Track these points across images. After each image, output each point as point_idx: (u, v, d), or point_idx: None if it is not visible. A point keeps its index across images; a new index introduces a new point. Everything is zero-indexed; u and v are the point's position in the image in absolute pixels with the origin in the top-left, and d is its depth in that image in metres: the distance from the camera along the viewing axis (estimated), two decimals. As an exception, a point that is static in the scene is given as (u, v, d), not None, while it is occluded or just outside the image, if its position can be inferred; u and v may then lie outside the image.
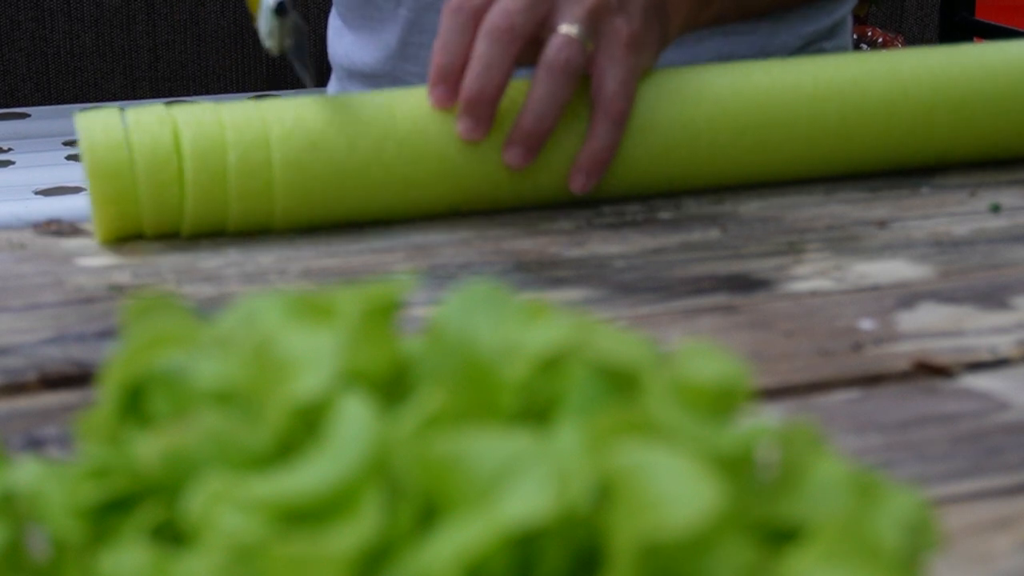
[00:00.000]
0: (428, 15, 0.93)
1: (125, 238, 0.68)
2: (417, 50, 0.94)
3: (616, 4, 0.71)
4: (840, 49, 1.00)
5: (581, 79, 0.71)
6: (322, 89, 1.13)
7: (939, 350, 0.56)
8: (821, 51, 0.98)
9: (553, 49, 0.70)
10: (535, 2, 0.70)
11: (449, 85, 0.70)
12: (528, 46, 0.70)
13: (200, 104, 0.69)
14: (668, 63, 0.76)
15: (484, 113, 0.70)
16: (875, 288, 0.63)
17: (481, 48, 0.69)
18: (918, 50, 0.80)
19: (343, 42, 1.02)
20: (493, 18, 0.69)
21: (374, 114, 0.70)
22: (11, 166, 1.94)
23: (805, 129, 0.75)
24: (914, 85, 0.77)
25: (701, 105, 0.74)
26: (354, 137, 0.69)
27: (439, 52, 0.70)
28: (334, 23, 1.05)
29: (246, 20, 2.31)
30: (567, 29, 0.70)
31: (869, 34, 2.39)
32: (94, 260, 0.66)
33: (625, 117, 0.71)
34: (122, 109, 0.68)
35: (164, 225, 0.67)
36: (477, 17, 0.70)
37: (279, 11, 0.67)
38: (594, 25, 0.70)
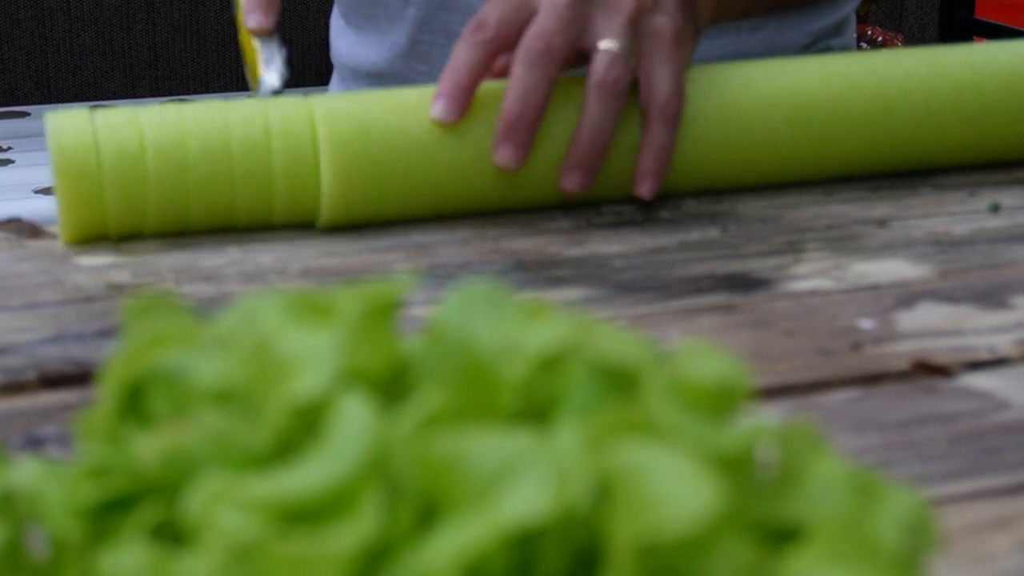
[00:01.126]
0: (438, 14, 0.93)
1: (127, 237, 0.68)
2: (428, 49, 0.94)
3: (651, 4, 0.71)
4: (846, 47, 1.00)
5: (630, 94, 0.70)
6: (324, 88, 1.13)
7: (938, 349, 0.56)
8: (828, 48, 0.98)
9: (600, 69, 0.69)
10: (571, 21, 0.69)
11: (455, 101, 0.69)
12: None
13: (167, 105, 0.68)
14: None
15: (523, 138, 0.69)
16: (875, 287, 0.63)
17: (519, 73, 0.68)
18: (918, 49, 0.80)
19: (346, 42, 1.02)
20: (529, 41, 0.68)
21: (365, 114, 0.69)
22: (11, 165, 1.94)
23: (806, 130, 0.75)
24: (914, 85, 0.77)
25: (702, 105, 0.74)
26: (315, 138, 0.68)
27: (449, 68, 0.69)
28: (336, 23, 1.04)
29: (246, 19, 2.31)
30: (609, 45, 0.69)
31: (869, 33, 2.39)
32: (93, 259, 0.66)
33: (679, 116, 0.71)
34: (92, 109, 0.68)
35: (129, 226, 0.67)
36: (496, 40, 0.69)
37: (276, 95, 0.70)
38: (635, 34, 0.70)
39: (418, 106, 0.70)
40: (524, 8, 0.69)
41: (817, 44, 0.97)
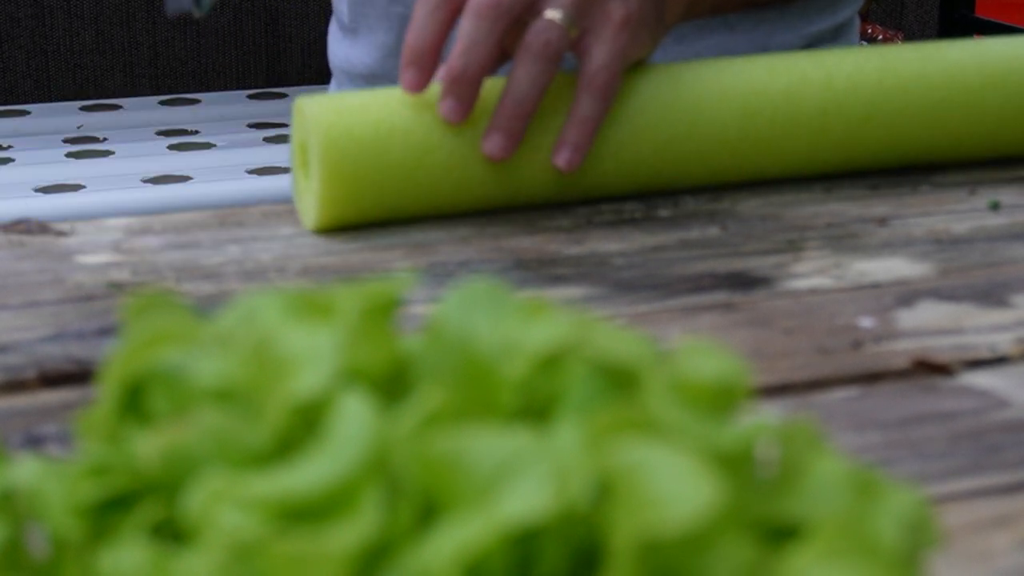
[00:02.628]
0: None
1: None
2: None
3: None
4: None
5: (561, 64, 0.70)
6: (323, 87, 1.13)
7: (938, 348, 0.56)
8: None
9: (533, 32, 0.68)
10: None
11: (420, 68, 0.68)
12: (516, 31, 0.69)
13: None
14: (668, 58, 0.76)
15: (466, 93, 0.68)
16: (875, 286, 0.63)
17: (466, 26, 0.68)
18: (918, 46, 0.79)
19: (342, 46, 1.02)
20: None
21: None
22: (11, 163, 1.93)
23: (805, 126, 0.75)
24: (914, 81, 0.77)
25: (700, 101, 0.74)
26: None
27: (410, 34, 0.69)
28: (333, 29, 1.05)
29: (246, 17, 2.31)
30: (551, 14, 0.69)
31: (869, 31, 2.39)
32: (93, 257, 0.66)
33: (609, 91, 0.70)
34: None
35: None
36: (450, 1, 0.69)
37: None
38: (582, 11, 0.69)
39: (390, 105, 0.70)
40: None
41: (813, 48, 0.96)
